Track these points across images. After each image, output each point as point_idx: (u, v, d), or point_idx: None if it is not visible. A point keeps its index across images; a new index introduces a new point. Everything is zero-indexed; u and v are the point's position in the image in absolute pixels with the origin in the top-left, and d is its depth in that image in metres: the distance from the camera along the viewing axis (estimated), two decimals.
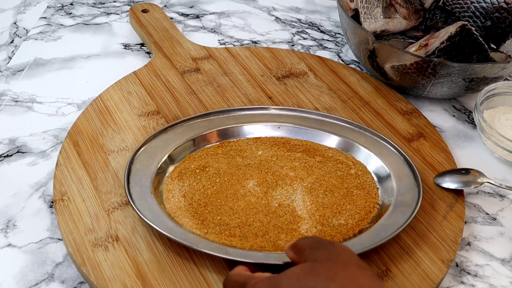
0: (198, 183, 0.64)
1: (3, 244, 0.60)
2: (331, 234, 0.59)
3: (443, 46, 0.76)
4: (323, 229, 0.60)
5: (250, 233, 0.59)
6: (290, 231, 0.59)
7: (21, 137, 0.72)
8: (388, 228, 0.59)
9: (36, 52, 0.86)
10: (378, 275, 0.57)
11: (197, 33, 0.94)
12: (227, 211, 0.61)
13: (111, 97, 0.76)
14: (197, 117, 0.71)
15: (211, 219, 0.60)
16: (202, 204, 0.62)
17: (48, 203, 0.65)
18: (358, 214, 0.62)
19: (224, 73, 0.82)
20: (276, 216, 0.60)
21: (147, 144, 0.67)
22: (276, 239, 0.58)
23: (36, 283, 0.57)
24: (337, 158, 0.68)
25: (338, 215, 0.61)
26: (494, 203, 0.69)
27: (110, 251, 0.57)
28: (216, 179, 0.64)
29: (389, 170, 0.66)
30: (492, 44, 0.86)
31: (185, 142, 0.68)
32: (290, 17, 1.00)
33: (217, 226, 0.59)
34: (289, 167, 0.66)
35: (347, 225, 0.60)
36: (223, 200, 0.62)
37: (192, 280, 0.55)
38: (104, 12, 0.97)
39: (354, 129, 0.71)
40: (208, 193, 0.63)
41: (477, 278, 0.61)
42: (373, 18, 0.83)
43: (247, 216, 0.60)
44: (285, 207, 0.61)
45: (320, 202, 0.62)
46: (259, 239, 0.58)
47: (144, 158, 0.65)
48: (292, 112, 0.73)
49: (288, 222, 0.60)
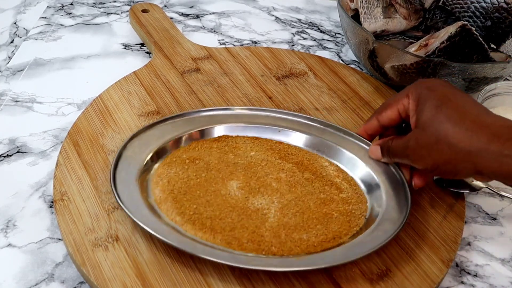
0: (184, 172, 0.64)
1: (3, 244, 0.60)
2: (290, 247, 0.58)
3: (443, 46, 0.76)
4: (282, 241, 0.58)
5: (218, 226, 0.59)
6: (252, 234, 0.59)
7: (21, 137, 0.72)
8: (365, 246, 0.57)
9: (36, 52, 0.86)
10: (378, 275, 0.57)
11: (197, 33, 0.94)
12: (203, 203, 0.61)
13: (111, 97, 0.76)
14: (199, 111, 0.71)
15: (187, 205, 0.61)
16: (182, 192, 0.62)
17: (48, 203, 0.65)
18: (324, 235, 0.59)
19: (224, 73, 0.82)
20: (248, 218, 0.60)
21: (143, 132, 0.67)
22: (240, 237, 0.58)
23: (36, 283, 0.57)
24: (330, 179, 0.65)
25: (301, 231, 0.59)
26: (494, 203, 0.69)
27: (110, 251, 0.57)
28: (202, 173, 0.65)
29: (381, 184, 0.64)
30: (492, 44, 0.86)
31: (182, 134, 0.68)
32: (290, 17, 1.00)
33: (192, 213, 0.60)
34: (274, 176, 0.65)
35: (308, 241, 0.58)
36: (202, 193, 0.62)
37: (192, 280, 0.55)
38: (104, 12, 0.97)
39: (354, 142, 0.68)
40: (191, 184, 0.63)
41: (477, 278, 0.61)
42: (373, 18, 0.83)
43: (220, 211, 0.60)
44: (258, 213, 0.61)
45: (286, 221, 0.60)
46: (226, 233, 0.58)
47: (137, 145, 0.66)
48: (296, 117, 0.71)
49: (255, 226, 0.59)
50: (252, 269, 0.56)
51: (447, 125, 0.55)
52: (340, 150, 0.68)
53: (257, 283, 0.56)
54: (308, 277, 0.56)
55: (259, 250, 0.57)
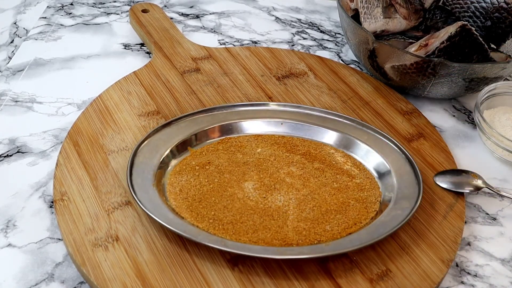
0: (196, 179, 0.64)
1: (3, 244, 0.60)
2: (316, 239, 0.59)
3: (443, 46, 0.76)
4: (306, 234, 0.60)
5: (241, 230, 0.59)
6: (276, 234, 0.59)
7: (21, 137, 0.72)
8: (387, 225, 0.59)
9: (36, 52, 0.86)
10: (378, 275, 0.57)
11: (197, 33, 0.94)
12: (221, 209, 0.61)
13: (111, 97, 0.76)
14: (201, 111, 0.72)
15: (204, 213, 0.61)
16: (197, 200, 0.62)
17: (48, 203, 0.65)
18: (345, 223, 0.61)
19: (224, 73, 0.82)
20: (270, 219, 0.61)
21: (150, 137, 0.67)
22: (264, 238, 0.59)
23: (36, 283, 0.57)
24: (340, 167, 0.67)
25: (324, 223, 0.61)
26: (494, 203, 0.69)
27: (110, 251, 0.57)
28: (215, 178, 0.65)
29: (390, 167, 0.66)
30: (492, 44, 0.86)
31: (188, 136, 0.69)
32: (290, 17, 1.00)
33: (212, 221, 0.60)
34: (286, 171, 0.66)
35: (332, 230, 0.60)
36: (217, 198, 0.62)
37: (192, 280, 0.55)
38: (104, 12, 0.97)
39: (356, 126, 0.71)
40: (204, 190, 0.63)
41: (477, 278, 0.61)
42: (373, 18, 0.83)
43: (241, 215, 0.61)
44: (279, 211, 0.61)
45: (305, 216, 0.61)
46: (250, 235, 0.59)
47: (147, 151, 0.66)
48: (295, 108, 0.73)
49: (278, 226, 0.60)
50: (282, 260, 0.57)
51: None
52: (347, 137, 0.70)
53: (257, 283, 0.56)
54: (308, 277, 0.56)
55: (287, 246, 0.58)
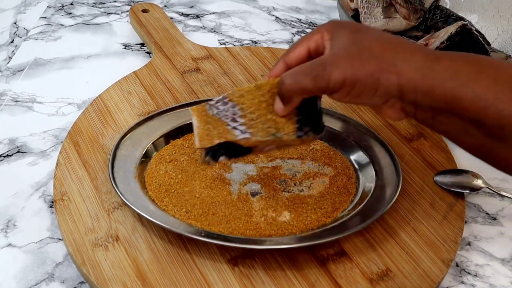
0: (171, 171, 0.65)
1: (3, 244, 0.60)
2: (285, 229, 0.60)
3: (443, 46, 0.76)
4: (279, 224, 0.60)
5: (214, 221, 0.60)
6: (247, 223, 0.60)
7: (21, 137, 0.72)
8: (370, 212, 0.60)
9: (36, 52, 0.86)
10: (378, 275, 0.57)
11: (197, 33, 0.94)
12: (191, 200, 0.62)
13: (111, 97, 0.76)
14: (184, 105, 0.72)
15: (180, 204, 0.61)
16: (171, 191, 0.63)
17: (48, 203, 0.65)
18: (324, 209, 0.62)
19: (224, 73, 0.82)
20: (236, 208, 0.61)
21: (133, 131, 0.68)
22: (238, 228, 0.59)
23: (36, 283, 0.57)
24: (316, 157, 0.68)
25: (300, 214, 0.61)
26: (494, 203, 0.69)
27: (110, 251, 0.57)
28: (179, 174, 0.65)
29: (369, 159, 0.67)
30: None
31: (170, 129, 0.69)
32: (290, 17, 1.00)
33: (185, 213, 0.60)
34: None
35: (308, 218, 0.61)
36: (186, 191, 0.63)
37: (192, 280, 0.55)
38: (104, 12, 0.97)
39: (337, 119, 0.71)
40: (173, 182, 0.63)
41: (477, 278, 0.61)
42: (373, 18, 0.83)
43: (209, 206, 0.61)
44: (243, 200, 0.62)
45: (274, 205, 0.62)
46: (223, 226, 0.59)
47: (130, 144, 0.66)
48: None
49: (245, 215, 0.61)
50: (267, 250, 0.57)
51: (369, 40, 0.52)
52: (330, 131, 0.69)
53: (257, 282, 0.56)
54: (308, 277, 0.56)
55: (262, 236, 0.59)
